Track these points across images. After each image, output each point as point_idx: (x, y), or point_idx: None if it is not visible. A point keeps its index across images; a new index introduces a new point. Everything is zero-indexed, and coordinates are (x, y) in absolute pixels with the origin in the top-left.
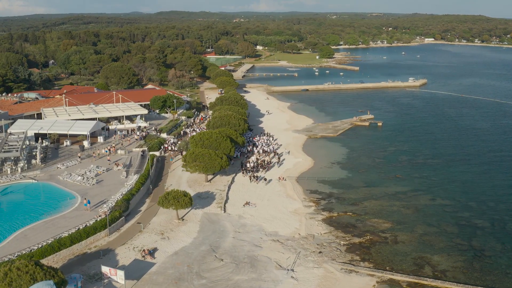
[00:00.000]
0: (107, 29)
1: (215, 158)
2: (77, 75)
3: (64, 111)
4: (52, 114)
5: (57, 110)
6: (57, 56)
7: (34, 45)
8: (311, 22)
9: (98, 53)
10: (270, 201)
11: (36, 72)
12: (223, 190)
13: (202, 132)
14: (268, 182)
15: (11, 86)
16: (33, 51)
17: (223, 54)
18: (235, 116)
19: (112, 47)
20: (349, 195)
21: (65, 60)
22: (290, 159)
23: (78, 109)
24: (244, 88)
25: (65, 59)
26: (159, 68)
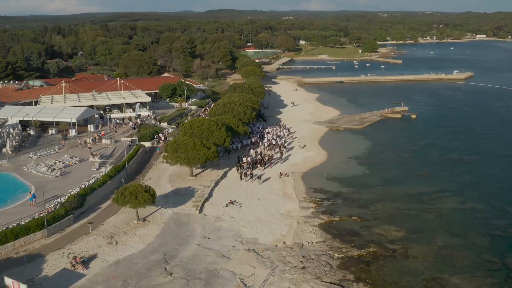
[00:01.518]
0: (145, 23)
1: (200, 148)
2: (102, 65)
3: (62, 99)
4: (48, 101)
5: (56, 97)
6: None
7: (66, 38)
8: (360, 20)
9: (127, 44)
10: (261, 201)
11: (53, 61)
12: (208, 187)
13: (194, 119)
14: (265, 181)
15: (21, 75)
16: (60, 42)
17: (263, 48)
18: (241, 103)
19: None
20: (360, 195)
21: (91, 51)
22: (301, 152)
23: (77, 97)
24: (274, 79)
25: (91, 50)
26: (185, 58)
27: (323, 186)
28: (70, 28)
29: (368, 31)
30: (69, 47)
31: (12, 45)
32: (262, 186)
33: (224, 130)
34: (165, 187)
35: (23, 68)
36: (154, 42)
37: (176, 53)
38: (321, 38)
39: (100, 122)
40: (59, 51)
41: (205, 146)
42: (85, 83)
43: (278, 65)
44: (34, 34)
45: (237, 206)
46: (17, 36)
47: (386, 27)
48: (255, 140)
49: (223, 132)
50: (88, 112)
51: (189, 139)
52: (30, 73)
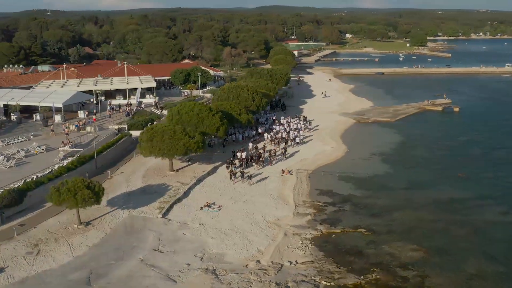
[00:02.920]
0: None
1: (180, 137)
2: (131, 54)
3: (61, 83)
4: (46, 85)
5: (57, 82)
6: (116, 37)
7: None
8: (412, 16)
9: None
10: (247, 204)
11: (74, 48)
12: (186, 184)
13: (183, 103)
14: (261, 180)
15: (35, 60)
16: (90, 31)
17: (306, 41)
18: (250, 88)
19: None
20: (375, 200)
21: (121, 39)
22: (315, 146)
23: (79, 81)
24: (309, 70)
25: (120, 39)
26: (215, 46)
27: (332, 188)
28: (108, 18)
29: (419, 25)
30: (100, 36)
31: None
32: (255, 185)
33: (218, 117)
34: (134, 183)
35: (37, 53)
36: (186, 30)
37: (206, 41)
38: (368, 31)
39: (95, 108)
40: (88, 39)
41: (187, 135)
42: (93, 68)
43: (318, 57)
44: (67, 23)
45: (214, 210)
46: (46, 24)
47: (438, 23)
48: (262, 132)
49: (216, 119)
50: (78, 96)
51: (168, 125)
52: (45, 58)
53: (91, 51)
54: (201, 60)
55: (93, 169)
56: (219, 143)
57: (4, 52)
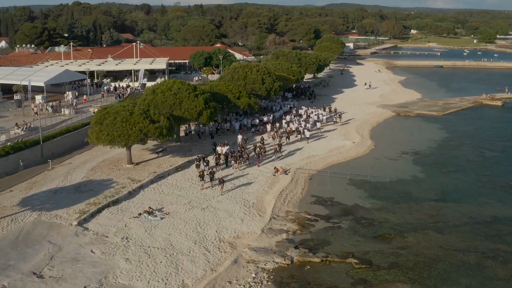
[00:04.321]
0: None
1: (136, 119)
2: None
3: (62, 63)
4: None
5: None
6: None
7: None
8: (483, 15)
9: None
10: (206, 212)
11: (107, 32)
12: (138, 182)
13: (162, 83)
14: (237, 187)
15: (59, 42)
16: (135, 18)
17: (367, 35)
18: (261, 68)
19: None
20: (387, 215)
21: (165, 26)
22: (333, 141)
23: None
24: (360, 60)
25: (164, 25)
26: (260, 34)
27: (335, 194)
28: (163, 7)
29: (489, 24)
30: (145, 23)
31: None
32: (230, 187)
33: (201, 99)
34: (74, 178)
35: (62, 35)
36: (232, 18)
37: (251, 28)
38: (434, 27)
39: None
40: (131, 26)
41: (147, 118)
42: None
43: (375, 50)
44: (117, 10)
45: (155, 219)
46: (90, 10)
47: (511, 22)
48: (269, 121)
49: (199, 101)
50: (67, 75)
51: (124, 106)
52: (72, 40)
53: (132, 37)
54: (241, 48)
55: (38, 158)
56: (210, 131)
57: (26, 32)
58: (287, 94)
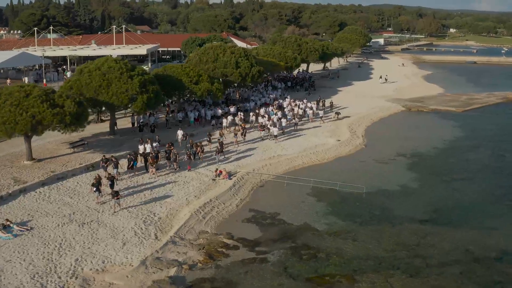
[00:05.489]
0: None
1: (31, 103)
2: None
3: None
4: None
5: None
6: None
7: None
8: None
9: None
10: (85, 229)
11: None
12: (23, 183)
13: (93, 61)
14: (141, 204)
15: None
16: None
17: (403, 33)
18: (237, 51)
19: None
20: (343, 244)
21: (184, 19)
22: (313, 138)
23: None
24: (384, 55)
25: (184, 18)
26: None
27: (283, 210)
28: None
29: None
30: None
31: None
32: (139, 200)
33: (137, 81)
34: None
35: (63, 23)
36: (254, 10)
37: (272, 20)
38: (473, 26)
39: (54, 75)
40: (149, 18)
41: (47, 102)
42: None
43: (407, 46)
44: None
45: (5, 237)
46: (108, 1)
47: None
48: (235, 112)
49: (133, 84)
50: (22, 58)
51: (23, 86)
52: (72, 29)
53: (148, 29)
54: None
55: None
56: (154, 122)
57: (24, 20)
58: (277, 83)
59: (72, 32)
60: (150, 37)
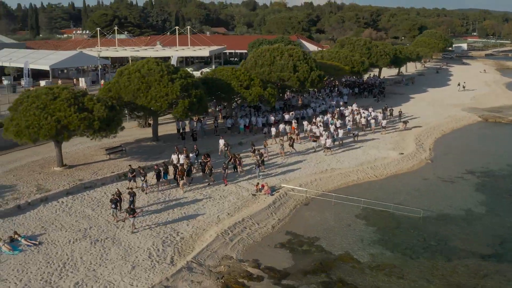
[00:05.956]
0: None
1: (58, 106)
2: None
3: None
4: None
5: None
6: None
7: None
8: None
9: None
10: (96, 248)
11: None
12: (46, 192)
13: (133, 63)
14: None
15: (131, 30)
16: (232, 12)
17: (488, 38)
18: (295, 53)
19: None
20: (387, 281)
21: (261, 21)
22: (372, 150)
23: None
24: (466, 60)
25: (260, 20)
26: (356, 29)
27: (324, 234)
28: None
29: None
30: (244, 17)
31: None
32: (164, 218)
33: (178, 85)
34: None
35: (135, 24)
36: (332, 12)
37: (349, 23)
38: None
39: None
40: (225, 20)
41: (74, 106)
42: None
43: (491, 51)
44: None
45: (7, 252)
46: (185, 2)
47: None
48: (275, 121)
49: (173, 88)
50: (78, 59)
51: (52, 88)
52: (144, 30)
53: (224, 30)
54: (330, 42)
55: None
56: (202, 130)
57: (95, 20)
58: (343, 89)
59: (144, 33)
60: (218, 39)
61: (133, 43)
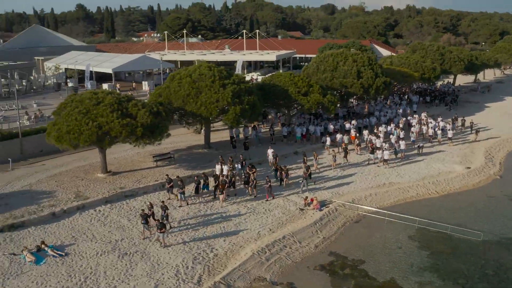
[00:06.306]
0: None
1: (102, 112)
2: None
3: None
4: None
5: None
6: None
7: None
8: None
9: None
10: (123, 262)
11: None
12: (84, 200)
13: (185, 68)
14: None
15: (204, 34)
16: (310, 16)
17: None
18: (360, 58)
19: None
20: None
21: (337, 25)
22: (436, 163)
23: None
24: None
25: (337, 24)
26: (435, 33)
27: (371, 257)
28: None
29: None
30: (321, 21)
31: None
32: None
33: (230, 91)
34: (16, 185)
35: (208, 27)
36: (410, 16)
37: (427, 28)
38: None
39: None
40: (301, 24)
41: (117, 111)
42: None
43: None
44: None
45: (30, 263)
46: (262, 6)
47: None
48: (335, 129)
49: (225, 94)
50: (141, 62)
51: (96, 93)
52: (217, 34)
53: (300, 34)
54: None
55: (15, 154)
56: (257, 137)
57: (169, 23)
58: (412, 97)
59: (217, 37)
60: (289, 43)
61: (202, 46)
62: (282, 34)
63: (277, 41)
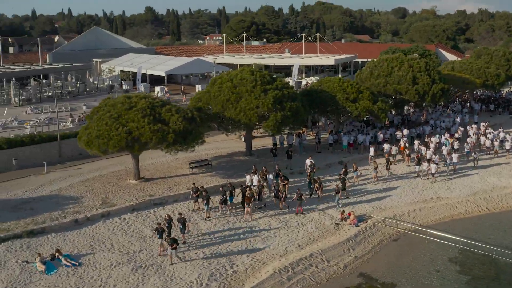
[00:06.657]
0: None
1: (132, 117)
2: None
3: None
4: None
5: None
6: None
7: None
8: None
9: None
10: (135, 276)
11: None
12: (111, 207)
13: (227, 72)
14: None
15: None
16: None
17: None
18: (414, 64)
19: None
20: None
21: (407, 29)
22: (490, 177)
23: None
24: None
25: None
26: (507, 38)
27: (404, 282)
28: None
29: None
30: (389, 25)
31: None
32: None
33: (271, 96)
34: (47, 188)
35: (272, 30)
36: (482, 20)
37: (499, 32)
38: None
39: None
40: (370, 27)
41: (150, 116)
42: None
43: None
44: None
45: (40, 271)
46: (330, 9)
47: None
48: (384, 138)
49: (266, 100)
50: (195, 65)
51: (130, 97)
52: (281, 37)
53: (367, 38)
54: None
55: (54, 157)
56: (301, 145)
57: (233, 26)
58: (474, 105)
59: (281, 40)
60: (352, 47)
61: (262, 49)
62: (349, 38)
63: (339, 45)
